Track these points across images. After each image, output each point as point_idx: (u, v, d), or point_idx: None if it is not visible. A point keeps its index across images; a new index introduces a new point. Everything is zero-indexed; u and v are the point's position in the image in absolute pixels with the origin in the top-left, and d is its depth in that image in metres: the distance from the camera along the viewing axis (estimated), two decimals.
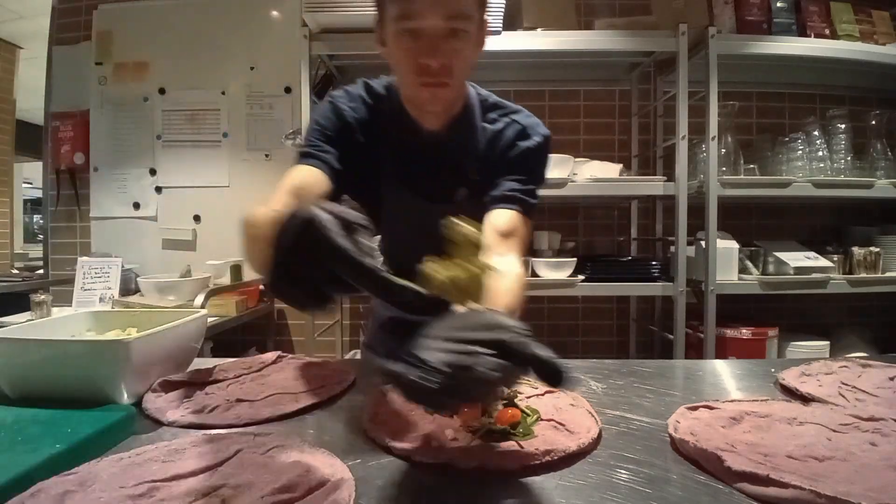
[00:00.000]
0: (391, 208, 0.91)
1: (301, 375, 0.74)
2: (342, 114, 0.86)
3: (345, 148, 0.85)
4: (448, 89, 0.79)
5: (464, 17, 0.75)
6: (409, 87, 0.81)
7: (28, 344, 0.62)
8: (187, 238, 2.33)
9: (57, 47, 2.39)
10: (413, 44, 0.75)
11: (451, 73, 0.77)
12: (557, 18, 1.91)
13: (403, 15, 0.74)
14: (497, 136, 0.89)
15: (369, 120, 0.88)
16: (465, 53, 0.78)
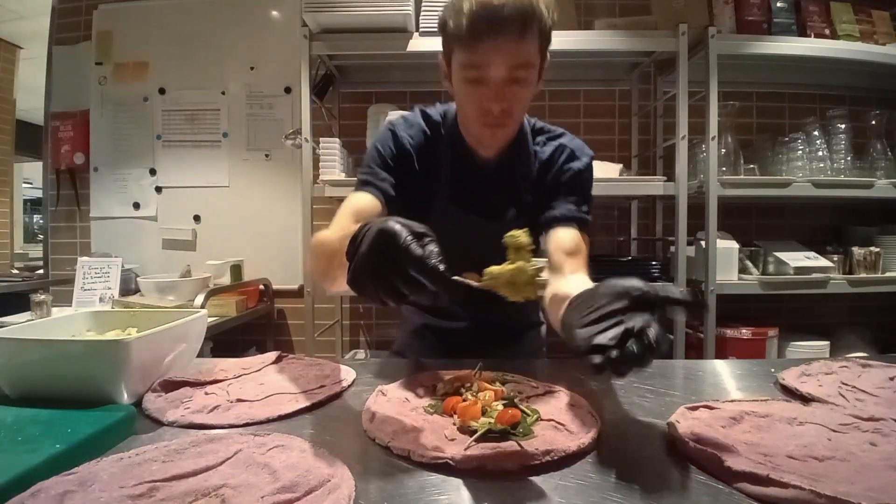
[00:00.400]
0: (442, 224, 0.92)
1: (301, 375, 0.74)
2: (401, 142, 0.92)
3: (401, 174, 0.91)
4: (507, 129, 0.87)
5: (526, 67, 0.79)
6: (472, 125, 0.87)
7: (28, 344, 0.62)
8: (187, 238, 2.33)
9: (57, 47, 2.39)
10: (477, 89, 0.80)
11: (511, 115, 0.83)
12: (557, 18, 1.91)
13: (471, 64, 0.78)
14: (548, 160, 0.95)
15: (426, 146, 0.94)
16: (525, 96, 0.84)
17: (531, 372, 0.74)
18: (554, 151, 0.95)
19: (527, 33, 0.76)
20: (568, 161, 0.95)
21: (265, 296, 2.24)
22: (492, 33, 0.75)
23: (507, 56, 0.77)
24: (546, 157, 0.95)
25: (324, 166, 1.89)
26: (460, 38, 0.77)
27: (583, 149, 0.97)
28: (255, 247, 2.29)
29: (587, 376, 0.76)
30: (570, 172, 0.94)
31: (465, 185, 0.94)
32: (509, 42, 0.76)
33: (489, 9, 0.74)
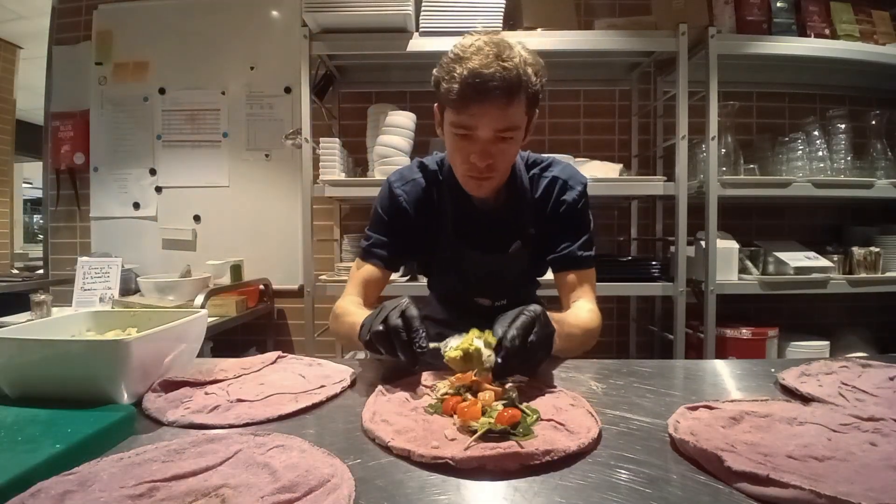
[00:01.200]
0: (448, 257, 1.05)
1: (301, 375, 0.74)
2: (397, 200, 1.01)
3: (401, 227, 1.02)
4: (492, 181, 0.92)
5: (513, 129, 0.85)
6: (458, 175, 0.94)
7: (28, 344, 0.62)
8: (187, 238, 2.33)
9: (57, 47, 2.39)
10: (465, 143, 0.86)
11: (496, 170, 0.89)
12: (557, 18, 1.91)
13: (460, 125, 0.85)
14: (544, 194, 1.01)
15: (424, 196, 1.02)
16: (511, 152, 0.89)
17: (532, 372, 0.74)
18: (548, 185, 1.01)
19: (513, 100, 0.82)
20: (562, 193, 1.00)
21: (265, 296, 2.24)
22: (481, 100, 0.80)
23: (494, 121, 0.83)
24: (541, 191, 1.01)
25: (324, 166, 1.89)
26: (451, 101, 0.83)
27: (575, 177, 1.02)
28: (255, 247, 2.29)
29: (587, 376, 0.76)
30: (565, 204, 1.00)
31: (467, 223, 1.02)
32: (496, 109, 0.81)
33: (480, 78, 0.79)
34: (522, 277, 1.12)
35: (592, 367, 0.80)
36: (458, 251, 1.03)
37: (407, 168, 1.07)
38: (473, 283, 1.07)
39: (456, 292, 1.15)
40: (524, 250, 1.03)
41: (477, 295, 1.09)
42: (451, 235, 1.02)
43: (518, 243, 1.02)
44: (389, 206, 1.03)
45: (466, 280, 1.07)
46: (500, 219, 1.02)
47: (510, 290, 1.09)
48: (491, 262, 1.03)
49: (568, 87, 2.27)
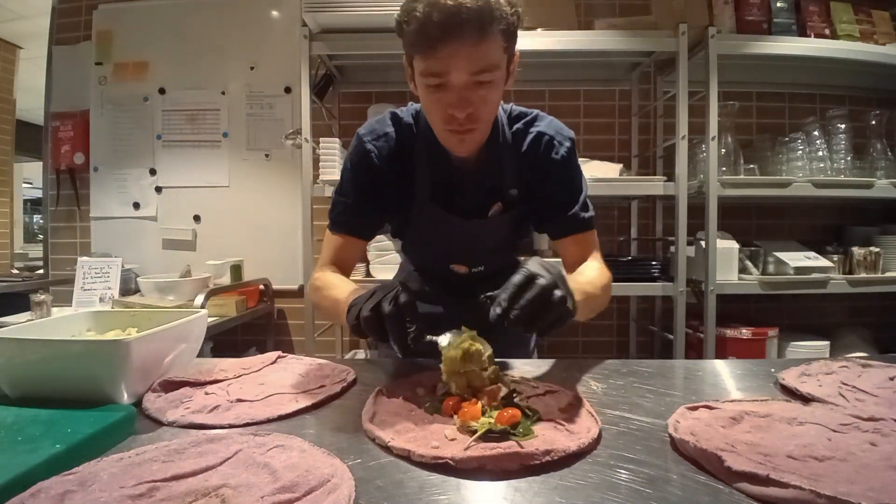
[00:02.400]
0: (423, 222, 0.96)
1: (301, 375, 0.74)
2: (369, 157, 0.91)
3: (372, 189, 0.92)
4: (475, 133, 0.82)
5: (491, 70, 0.74)
6: (438, 132, 0.84)
7: (28, 344, 0.62)
8: (187, 238, 2.33)
9: (57, 47, 2.39)
10: (440, 94, 0.76)
11: (478, 120, 0.79)
12: (557, 18, 1.91)
13: (430, 72, 0.74)
14: (528, 150, 0.91)
15: (396, 151, 0.92)
16: (492, 98, 0.78)
17: (531, 372, 0.74)
18: (533, 142, 0.91)
19: (487, 35, 0.71)
20: (549, 151, 0.91)
21: (265, 296, 2.24)
22: (449, 39, 0.70)
23: (467, 62, 0.72)
24: (526, 147, 0.91)
25: (324, 166, 1.89)
26: (416, 45, 0.74)
27: (562, 132, 0.93)
28: (255, 247, 2.29)
29: (587, 376, 0.76)
30: (555, 164, 0.91)
31: (444, 185, 0.92)
32: (468, 47, 0.71)
33: (443, 12, 0.68)
34: (502, 242, 1.02)
35: (592, 367, 0.80)
36: (433, 215, 0.94)
37: (378, 121, 0.94)
38: (449, 249, 1.00)
39: (430, 258, 1.08)
40: (505, 214, 0.94)
41: (453, 261, 1.02)
42: (426, 198, 0.93)
43: (499, 206, 0.93)
44: (360, 164, 0.92)
45: (442, 246, 1.00)
46: (481, 180, 0.92)
47: (488, 256, 1.02)
48: (469, 228, 0.95)
49: (568, 87, 2.27)
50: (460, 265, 1.02)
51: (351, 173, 0.93)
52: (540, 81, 2.25)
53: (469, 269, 1.02)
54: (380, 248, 1.95)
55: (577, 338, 2.31)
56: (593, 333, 2.33)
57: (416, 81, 0.79)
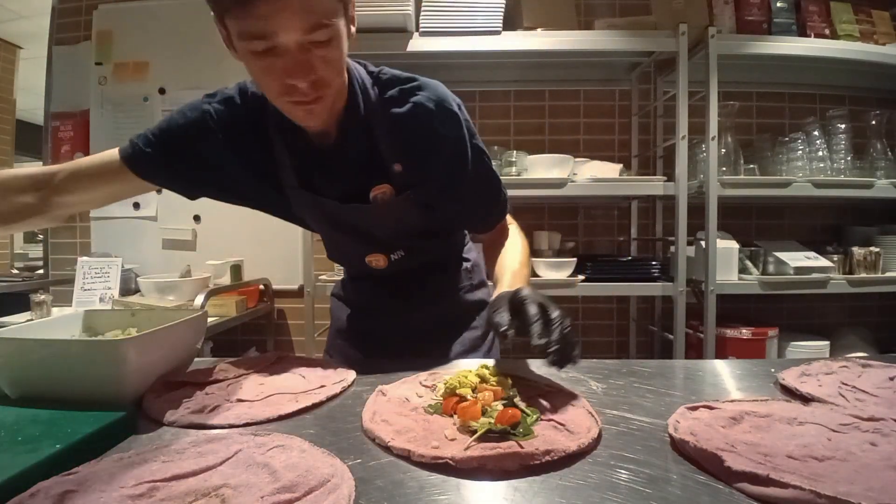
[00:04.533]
0: (303, 210, 0.85)
1: (301, 375, 0.74)
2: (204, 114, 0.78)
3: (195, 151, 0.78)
4: (325, 102, 0.68)
5: (327, 24, 0.61)
6: (280, 106, 0.70)
7: (28, 344, 0.62)
8: (187, 238, 2.33)
9: (57, 47, 2.39)
10: (270, 60, 0.62)
11: (325, 84, 0.66)
12: (557, 18, 1.91)
13: (250, 34, 0.60)
14: (412, 123, 0.75)
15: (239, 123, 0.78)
16: (336, 56, 0.65)
17: (531, 372, 0.74)
18: (416, 111, 0.75)
19: None
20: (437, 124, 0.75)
21: (265, 296, 2.24)
22: None
23: (294, 17, 0.58)
24: (406, 118, 0.75)
25: None
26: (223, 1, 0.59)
27: (447, 99, 0.76)
28: (255, 247, 2.29)
29: (587, 376, 0.76)
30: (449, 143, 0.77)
31: (308, 165, 0.79)
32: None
33: None
34: (411, 230, 0.87)
35: (592, 367, 0.80)
36: (305, 202, 0.81)
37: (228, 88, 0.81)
38: (349, 237, 0.86)
39: (339, 251, 0.97)
40: (396, 196, 0.79)
41: (363, 252, 0.89)
42: (292, 182, 0.80)
43: (387, 188, 0.79)
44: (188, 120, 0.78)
45: (338, 234, 0.88)
46: (350, 155, 0.77)
47: (403, 240, 0.88)
48: (353, 214, 0.81)
49: (568, 87, 2.27)
50: (375, 256, 0.88)
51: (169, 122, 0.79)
52: (540, 81, 2.25)
53: (386, 256, 0.88)
54: None
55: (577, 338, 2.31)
56: (593, 333, 2.33)
57: (236, 46, 0.65)
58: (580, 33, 1.85)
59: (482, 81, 2.23)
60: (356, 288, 1.02)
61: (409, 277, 0.94)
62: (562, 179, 1.78)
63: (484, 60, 2.02)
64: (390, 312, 0.97)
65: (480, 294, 1.04)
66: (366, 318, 1.00)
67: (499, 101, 2.26)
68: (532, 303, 0.62)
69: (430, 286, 0.96)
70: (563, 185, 1.78)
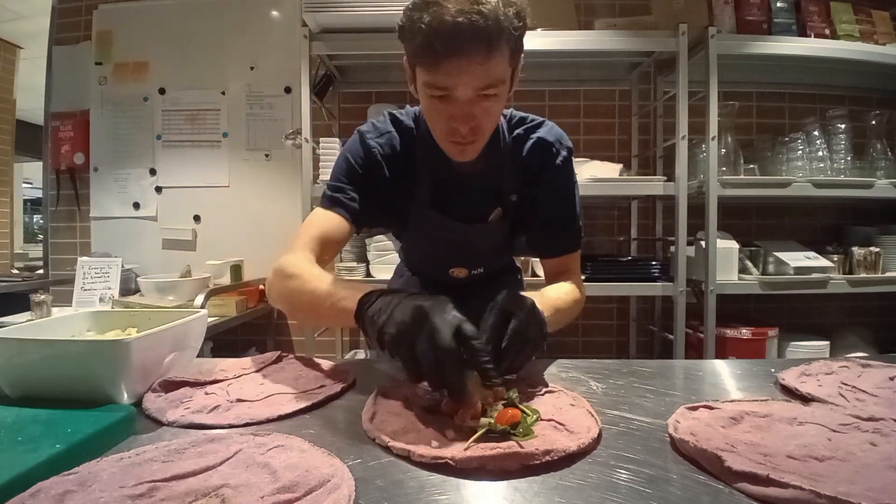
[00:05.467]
0: (422, 226, 0.95)
1: (301, 375, 0.74)
2: (371, 151, 0.88)
3: (372, 183, 0.88)
4: (477, 144, 0.80)
5: (496, 85, 0.72)
6: (439, 140, 0.82)
7: (28, 344, 0.62)
8: (187, 238, 2.33)
9: (57, 47, 2.39)
10: (443, 105, 0.73)
11: (481, 132, 0.77)
12: (557, 18, 1.91)
13: (434, 85, 0.71)
14: (529, 157, 0.90)
15: (398, 152, 0.89)
16: (496, 111, 0.77)
17: (531, 372, 0.74)
18: (532, 147, 0.90)
19: (494, 52, 0.68)
20: (547, 157, 0.90)
21: (265, 296, 2.24)
22: (455, 56, 0.67)
23: (473, 78, 0.69)
24: (526, 153, 0.90)
25: (324, 166, 1.89)
26: (420, 58, 0.70)
27: (561, 139, 0.92)
28: (255, 247, 2.29)
29: (587, 376, 0.76)
30: (551, 171, 0.90)
31: (443, 189, 0.91)
32: (474, 64, 0.68)
33: (447, 28, 0.64)
34: (500, 245, 1.03)
35: (592, 367, 0.80)
36: (432, 219, 0.92)
37: (379, 120, 0.92)
38: (450, 252, 1.00)
39: (430, 261, 1.07)
40: (504, 219, 0.94)
41: (452, 264, 1.02)
42: (425, 202, 0.91)
43: (499, 211, 0.93)
44: (363, 158, 0.88)
45: (442, 249, 1.00)
46: (481, 185, 0.91)
47: (487, 258, 1.03)
48: (469, 232, 0.94)
49: (568, 87, 2.27)
50: (460, 268, 1.02)
51: (353, 164, 0.88)
52: (540, 81, 2.25)
53: (469, 270, 1.02)
54: (380, 248, 1.95)
55: (577, 338, 2.31)
56: (593, 333, 2.33)
57: (418, 88, 0.76)
58: (580, 33, 1.85)
59: None
60: (424, 285, 1.11)
61: (477, 286, 1.05)
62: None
63: None
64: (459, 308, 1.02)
65: None
66: None
67: None
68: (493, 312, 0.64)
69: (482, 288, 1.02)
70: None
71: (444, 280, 1.04)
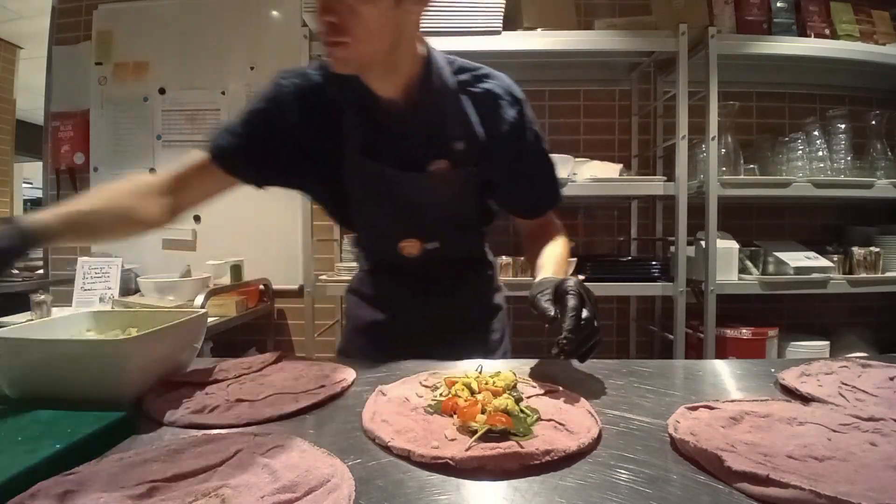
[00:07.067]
0: (357, 177, 0.87)
1: (301, 375, 0.74)
2: (278, 90, 0.83)
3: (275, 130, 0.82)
4: (345, 49, 0.72)
5: None
6: None
7: (28, 344, 0.62)
8: (187, 238, 2.33)
9: (57, 47, 2.39)
10: None
11: (344, 32, 0.70)
12: (557, 18, 1.91)
13: None
14: (480, 107, 0.84)
15: (317, 98, 0.83)
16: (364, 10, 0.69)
17: (531, 372, 0.75)
18: (482, 99, 0.84)
19: None
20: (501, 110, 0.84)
21: (265, 296, 2.24)
22: None
23: None
24: (477, 99, 0.84)
25: None
26: None
27: (512, 89, 0.87)
28: (255, 247, 2.29)
29: (587, 376, 0.76)
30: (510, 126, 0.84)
31: (375, 133, 0.83)
32: None
33: None
34: (456, 209, 0.91)
35: (592, 367, 0.80)
36: (364, 168, 0.84)
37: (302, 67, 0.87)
38: (393, 216, 0.89)
39: (375, 234, 0.97)
40: (453, 172, 0.84)
41: (401, 237, 0.90)
42: (356, 150, 0.83)
43: (444, 163, 0.84)
44: (267, 99, 0.83)
45: (383, 213, 0.89)
46: (416, 127, 0.83)
47: (442, 228, 0.91)
48: (409, 184, 0.84)
49: (568, 87, 2.27)
50: (410, 241, 0.90)
51: (249, 105, 0.84)
52: (540, 81, 2.25)
53: (421, 243, 0.90)
54: None
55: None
56: None
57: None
58: (580, 33, 1.85)
59: None
60: (378, 282, 1.00)
61: (437, 273, 0.94)
62: (562, 179, 1.77)
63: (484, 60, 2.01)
64: (416, 308, 0.95)
65: (498, 299, 1.05)
66: (389, 315, 0.98)
67: None
68: (574, 295, 0.67)
69: (456, 283, 0.97)
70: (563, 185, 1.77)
71: (396, 261, 0.92)
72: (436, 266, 0.93)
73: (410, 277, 0.95)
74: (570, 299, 0.66)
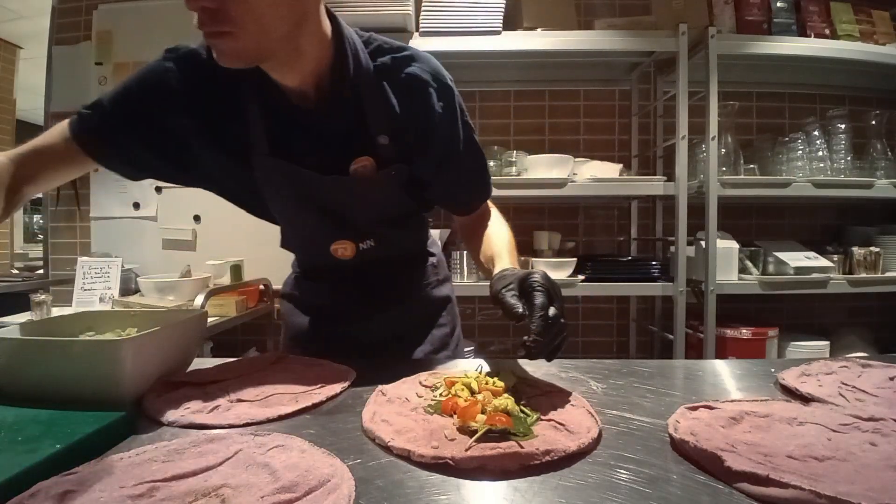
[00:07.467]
0: (272, 182, 0.77)
1: (301, 375, 0.74)
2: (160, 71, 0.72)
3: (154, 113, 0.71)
4: (232, 40, 0.62)
5: None
6: None
7: (28, 344, 0.62)
8: (187, 238, 2.33)
9: (57, 47, 2.39)
10: None
11: (228, 20, 0.61)
12: (557, 18, 1.91)
13: None
14: (406, 95, 0.73)
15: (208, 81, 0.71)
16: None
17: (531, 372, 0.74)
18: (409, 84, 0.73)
19: None
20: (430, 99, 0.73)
21: (265, 296, 2.24)
22: None
23: None
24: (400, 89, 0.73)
25: None
26: None
27: (439, 73, 0.75)
28: (255, 247, 2.29)
29: (587, 376, 0.76)
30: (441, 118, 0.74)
31: (285, 129, 0.73)
32: None
33: None
34: (391, 211, 0.82)
35: (592, 367, 0.80)
36: (277, 170, 0.74)
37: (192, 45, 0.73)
38: (319, 219, 0.80)
39: (302, 239, 0.90)
40: (379, 170, 0.74)
41: (331, 239, 0.81)
42: (264, 149, 0.73)
43: (368, 161, 0.74)
44: (142, 78, 0.72)
45: (306, 217, 0.80)
46: (332, 123, 0.72)
47: (374, 226, 0.82)
48: (331, 186, 0.74)
49: (568, 87, 2.27)
50: (342, 242, 0.81)
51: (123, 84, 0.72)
52: (540, 81, 2.25)
53: (355, 245, 0.82)
54: None
55: (577, 338, 2.31)
56: (593, 333, 2.33)
57: None
58: (580, 33, 1.85)
59: (482, 81, 2.23)
60: (314, 288, 0.94)
61: (375, 273, 0.88)
62: (562, 179, 1.78)
63: (484, 60, 2.02)
64: (355, 312, 0.89)
65: (445, 290, 0.99)
66: (327, 321, 0.91)
67: (499, 102, 2.26)
68: (542, 292, 0.61)
69: (396, 282, 0.91)
70: (563, 185, 1.78)
71: (331, 263, 0.84)
72: (373, 266, 0.86)
73: (347, 279, 0.89)
74: (538, 296, 0.60)
